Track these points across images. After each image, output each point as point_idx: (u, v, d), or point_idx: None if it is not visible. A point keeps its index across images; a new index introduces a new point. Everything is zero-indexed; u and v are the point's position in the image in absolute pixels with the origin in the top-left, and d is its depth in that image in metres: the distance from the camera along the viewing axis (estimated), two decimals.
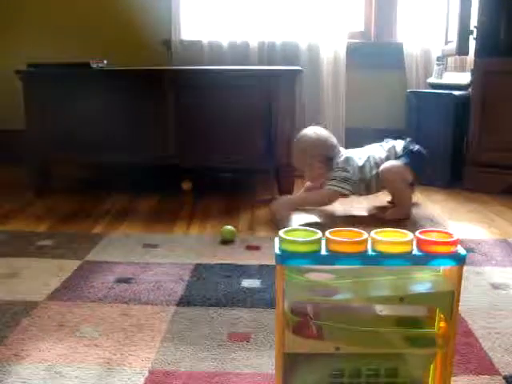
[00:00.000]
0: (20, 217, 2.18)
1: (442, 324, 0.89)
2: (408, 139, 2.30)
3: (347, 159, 2.23)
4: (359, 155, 2.26)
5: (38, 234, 1.97)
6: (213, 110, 2.31)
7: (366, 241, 0.83)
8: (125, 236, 1.96)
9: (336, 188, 2.19)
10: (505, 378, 1.09)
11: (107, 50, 3.01)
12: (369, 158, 2.24)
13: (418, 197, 2.47)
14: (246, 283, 1.54)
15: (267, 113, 2.38)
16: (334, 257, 0.82)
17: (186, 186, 2.60)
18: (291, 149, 2.31)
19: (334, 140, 2.30)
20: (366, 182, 2.23)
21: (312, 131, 2.29)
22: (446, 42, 2.79)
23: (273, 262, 1.64)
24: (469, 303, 1.41)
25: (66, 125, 2.47)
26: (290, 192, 2.40)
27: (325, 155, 2.24)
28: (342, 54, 3.01)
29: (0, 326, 1.29)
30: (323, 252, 0.82)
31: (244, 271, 1.62)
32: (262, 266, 1.66)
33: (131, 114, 2.43)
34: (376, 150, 2.28)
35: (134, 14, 3.06)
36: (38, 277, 1.58)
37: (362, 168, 2.22)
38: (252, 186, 2.70)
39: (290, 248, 0.82)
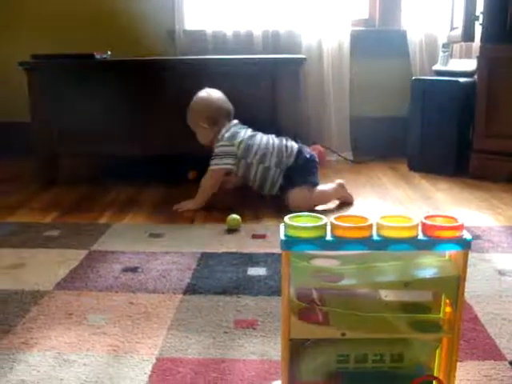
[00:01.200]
0: (27, 208, 2.19)
1: (448, 309, 0.89)
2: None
3: (235, 131, 2.19)
4: (251, 133, 2.21)
5: (45, 225, 1.98)
6: None
7: (371, 226, 0.83)
8: (131, 226, 1.97)
9: (215, 167, 2.15)
10: (510, 363, 1.09)
11: (111, 41, 3.00)
12: (261, 140, 2.18)
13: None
14: (252, 271, 1.54)
15: (271, 101, 2.38)
16: (339, 242, 0.82)
17: (192, 175, 2.60)
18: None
19: (225, 104, 2.24)
20: (247, 165, 2.16)
21: (205, 91, 2.24)
22: (452, 29, 2.77)
23: (278, 250, 1.65)
24: (475, 290, 1.41)
25: (70, 116, 2.48)
26: None
27: (209, 116, 2.19)
28: (346, 42, 3.00)
29: (9, 314, 1.30)
30: (328, 237, 0.82)
31: (250, 259, 1.63)
32: (267, 254, 1.67)
33: (135, 105, 2.44)
34: (273, 140, 2.20)
35: (138, 4, 3.05)
36: (45, 267, 1.59)
37: (248, 146, 2.15)
38: None
39: (295, 234, 0.82)
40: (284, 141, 2.19)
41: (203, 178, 2.18)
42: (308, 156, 2.18)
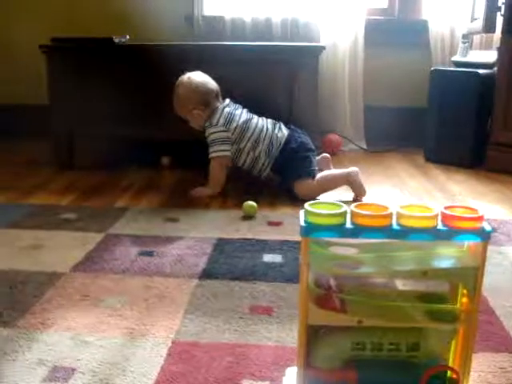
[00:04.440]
0: (44, 191, 2.21)
1: (465, 300, 0.89)
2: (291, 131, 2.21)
3: (230, 115, 2.17)
4: (245, 116, 2.20)
5: (62, 208, 1.99)
6: (235, 85, 2.30)
7: (391, 215, 0.83)
8: (147, 210, 1.98)
9: (215, 155, 2.15)
10: None
11: (129, 25, 3.00)
12: (256, 126, 2.17)
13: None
14: (268, 258, 1.55)
15: (289, 89, 2.37)
16: (359, 230, 0.82)
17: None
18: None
19: (211, 85, 2.21)
20: (238, 150, 2.18)
21: (187, 77, 2.20)
22: (472, 19, 2.74)
23: (294, 237, 1.65)
24: (490, 282, 1.40)
25: (89, 99, 2.48)
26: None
27: (200, 101, 2.17)
28: (361, 31, 2.97)
29: (26, 295, 1.32)
30: (348, 225, 0.83)
31: (265, 246, 1.63)
32: (283, 241, 1.67)
33: (153, 89, 2.44)
34: (267, 125, 2.20)
35: None
36: (62, 249, 1.61)
37: (243, 132, 2.16)
38: None
39: (315, 220, 0.82)
40: (276, 130, 2.18)
41: (209, 168, 2.18)
42: (294, 146, 2.15)
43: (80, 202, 2.08)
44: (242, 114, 2.20)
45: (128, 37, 2.63)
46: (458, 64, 2.78)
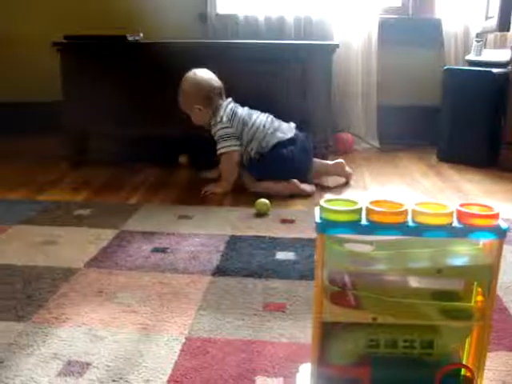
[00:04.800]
0: (57, 187, 2.22)
1: (480, 298, 0.89)
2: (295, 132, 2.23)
3: (232, 112, 2.21)
4: (247, 112, 2.24)
5: (75, 204, 2.00)
6: (248, 84, 2.31)
7: (406, 212, 0.83)
8: (160, 207, 1.99)
9: (224, 150, 2.18)
10: None
11: (143, 23, 3.01)
12: (254, 123, 2.20)
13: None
14: (281, 255, 1.55)
15: (303, 88, 2.37)
16: (374, 227, 0.82)
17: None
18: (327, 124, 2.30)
19: (216, 82, 2.23)
20: (241, 144, 2.21)
21: (192, 72, 2.23)
22: (487, 18, 2.73)
23: (307, 235, 1.65)
24: (504, 281, 1.40)
25: (102, 97, 2.49)
26: None
27: (203, 98, 2.20)
28: (375, 30, 2.96)
29: (40, 290, 1.33)
30: (364, 222, 0.82)
31: (278, 243, 1.63)
32: (296, 239, 1.66)
33: (167, 87, 2.44)
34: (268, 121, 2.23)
35: None
36: (76, 245, 1.62)
37: (243, 129, 2.19)
38: None
39: (331, 217, 0.82)
40: (271, 129, 2.19)
41: (220, 164, 2.22)
42: (282, 151, 2.15)
43: (93, 198, 2.09)
44: (243, 112, 2.23)
45: (142, 35, 2.64)
46: (471, 63, 2.76)
